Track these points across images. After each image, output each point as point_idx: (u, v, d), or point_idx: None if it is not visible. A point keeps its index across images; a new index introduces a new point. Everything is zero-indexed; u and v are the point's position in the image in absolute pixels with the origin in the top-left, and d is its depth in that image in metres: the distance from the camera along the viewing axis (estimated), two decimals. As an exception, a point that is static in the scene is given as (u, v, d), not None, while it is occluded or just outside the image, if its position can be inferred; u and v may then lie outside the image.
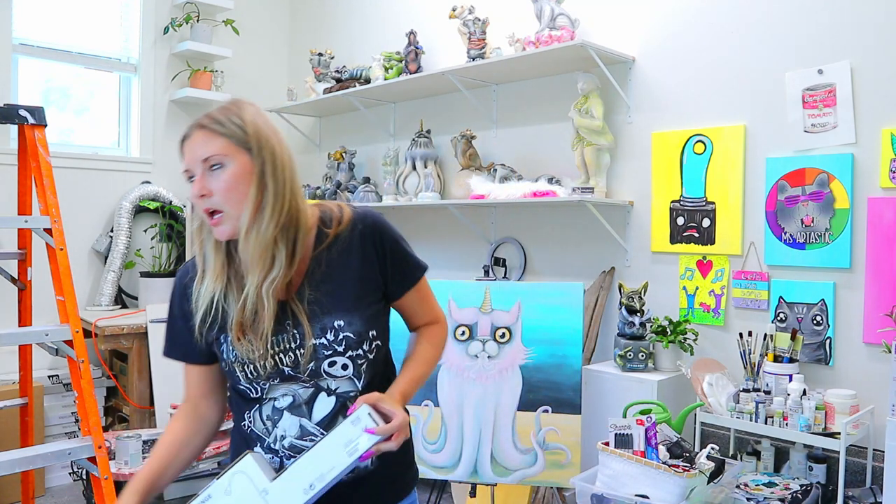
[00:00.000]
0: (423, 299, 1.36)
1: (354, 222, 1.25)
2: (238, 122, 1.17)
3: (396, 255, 1.28)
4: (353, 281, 1.23)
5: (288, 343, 1.19)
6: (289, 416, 1.21)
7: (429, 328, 1.38)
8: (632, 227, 2.90)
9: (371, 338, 1.23)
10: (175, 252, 3.94)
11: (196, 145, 1.16)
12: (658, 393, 2.45)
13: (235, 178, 1.15)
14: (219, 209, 1.16)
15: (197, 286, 1.24)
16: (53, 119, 3.00)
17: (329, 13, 4.41)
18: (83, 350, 2.23)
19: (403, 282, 1.31)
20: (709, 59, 2.67)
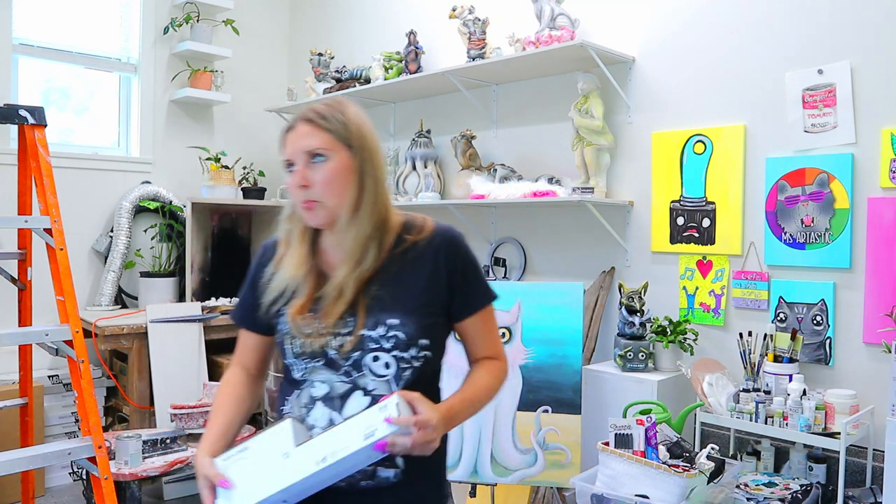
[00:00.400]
0: (486, 330, 1.33)
1: (434, 235, 1.28)
2: (341, 119, 1.23)
3: (467, 276, 1.28)
4: (419, 288, 1.25)
5: (340, 328, 1.23)
6: (321, 406, 1.23)
7: (489, 361, 1.33)
8: (632, 227, 2.90)
9: (421, 346, 1.22)
10: (175, 252, 3.94)
11: (300, 137, 1.22)
12: (658, 393, 2.45)
13: (335, 171, 1.21)
14: (316, 199, 1.21)
15: (274, 267, 1.30)
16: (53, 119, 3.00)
17: (329, 13, 4.41)
18: (83, 350, 2.23)
19: (468, 305, 1.29)
20: (709, 59, 2.67)
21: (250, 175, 4.25)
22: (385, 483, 1.21)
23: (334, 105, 1.25)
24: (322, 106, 1.25)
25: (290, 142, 1.24)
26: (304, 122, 1.23)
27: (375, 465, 1.19)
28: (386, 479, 1.21)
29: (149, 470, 2.69)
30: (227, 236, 4.11)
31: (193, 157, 4.12)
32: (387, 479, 1.21)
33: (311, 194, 1.21)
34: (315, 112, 1.23)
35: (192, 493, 3.32)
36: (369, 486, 1.21)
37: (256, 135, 4.55)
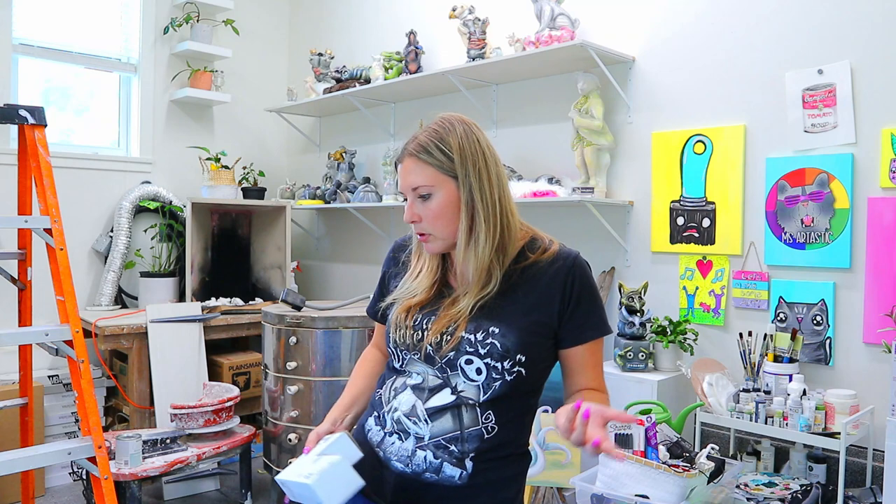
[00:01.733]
0: (591, 363, 1.30)
1: (557, 257, 1.28)
2: (445, 150, 1.23)
3: (582, 304, 1.27)
4: (528, 305, 1.25)
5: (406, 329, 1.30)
6: (410, 392, 1.27)
7: (593, 391, 1.30)
8: (632, 227, 2.90)
9: (517, 360, 1.23)
10: (175, 252, 3.94)
11: (407, 173, 1.26)
12: (658, 393, 2.44)
13: (442, 207, 1.24)
14: (428, 232, 1.27)
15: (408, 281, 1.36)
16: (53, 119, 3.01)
17: (329, 13, 4.41)
18: (83, 350, 2.22)
19: (578, 334, 1.28)
20: (709, 59, 2.67)
21: (250, 175, 4.25)
22: (448, 482, 1.23)
23: (439, 131, 1.25)
24: (425, 136, 1.25)
25: (400, 175, 1.28)
26: (408, 156, 1.26)
27: (443, 462, 1.22)
28: (450, 478, 1.23)
29: (149, 470, 2.69)
30: (227, 236, 4.11)
31: (193, 157, 4.12)
32: (451, 479, 1.23)
33: (421, 227, 1.27)
34: (418, 145, 1.25)
35: (192, 493, 3.32)
36: (433, 481, 1.23)
37: (256, 135, 4.55)
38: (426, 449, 1.23)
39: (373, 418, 1.34)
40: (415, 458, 1.24)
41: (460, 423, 1.23)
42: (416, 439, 1.24)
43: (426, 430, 1.23)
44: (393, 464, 1.26)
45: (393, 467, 1.26)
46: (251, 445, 3.13)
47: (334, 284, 4.33)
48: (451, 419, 1.23)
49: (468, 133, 1.25)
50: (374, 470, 1.27)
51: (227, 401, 3.04)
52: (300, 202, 4.07)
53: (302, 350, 2.89)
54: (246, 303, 3.82)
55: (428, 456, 1.23)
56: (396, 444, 1.26)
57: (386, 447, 1.28)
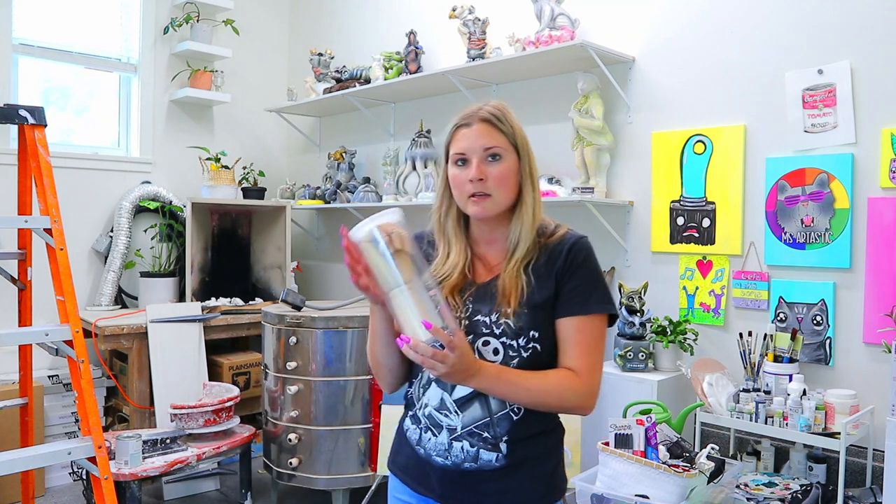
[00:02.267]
0: (579, 339, 1.28)
1: (564, 238, 1.34)
2: (511, 124, 1.33)
3: (578, 277, 1.30)
4: (537, 283, 1.29)
5: (461, 312, 1.31)
6: (435, 387, 1.31)
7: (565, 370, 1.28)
8: (632, 227, 2.90)
9: (531, 337, 1.27)
10: (175, 252, 3.94)
11: (479, 135, 1.31)
12: (658, 393, 2.44)
13: (508, 170, 1.31)
14: (488, 192, 1.29)
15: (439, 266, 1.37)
16: (53, 119, 3.00)
17: (329, 13, 4.41)
18: (83, 350, 2.22)
19: (568, 306, 1.28)
20: (709, 59, 2.67)
21: (250, 175, 4.25)
22: (487, 466, 1.27)
23: (503, 108, 1.34)
24: (493, 108, 1.33)
25: (466, 137, 1.31)
26: (481, 121, 1.31)
27: (479, 449, 1.27)
28: (488, 462, 1.27)
29: (149, 470, 2.69)
30: (227, 236, 4.11)
31: (193, 157, 4.12)
32: (489, 463, 1.27)
33: (484, 187, 1.29)
34: (491, 114, 1.32)
35: (192, 493, 3.32)
36: (472, 469, 1.27)
37: (256, 135, 4.55)
38: (461, 439, 1.27)
39: (409, 418, 1.38)
40: (452, 451, 1.28)
41: (489, 410, 1.27)
42: (449, 431, 1.29)
43: (458, 421, 1.28)
44: (434, 459, 1.30)
45: (435, 462, 1.30)
46: (251, 445, 3.13)
47: (334, 284, 4.33)
48: (480, 407, 1.27)
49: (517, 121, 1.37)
50: (418, 467, 1.33)
51: (227, 401, 3.04)
52: (300, 202, 4.07)
53: (302, 350, 2.89)
54: (246, 303, 3.82)
55: (464, 446, 1.27)
56: (433, 440, 1.31)
57: (424, 444, 1.32)
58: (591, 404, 1.29)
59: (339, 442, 2.87)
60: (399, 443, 1.41)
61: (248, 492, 3.12)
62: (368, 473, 2.90)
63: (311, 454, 2.88)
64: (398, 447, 1.42)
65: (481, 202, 1.29)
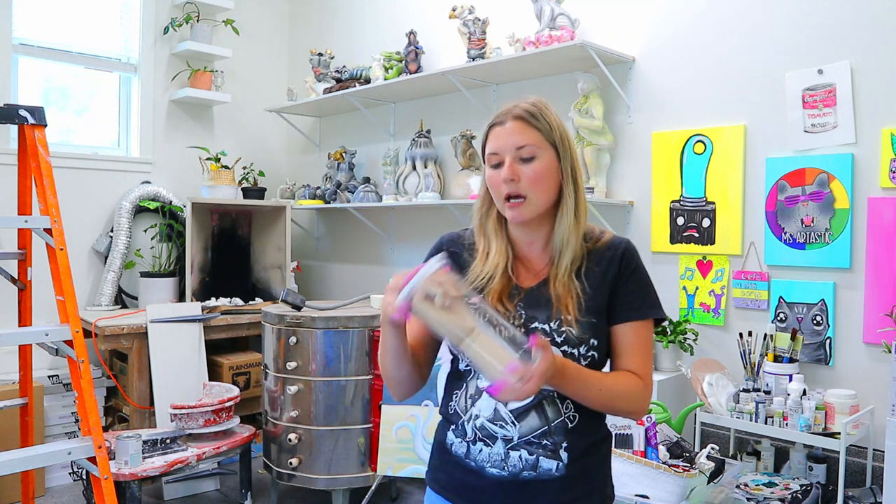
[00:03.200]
0: (636, 344, 1.26)
1: (612, 244, 1.30)
2: (548, 120, 1.26)
3: (630, 283, 1.28)
4: (592, 290, 1.26)
5: (513, 319, 1.24)
6: (486, 397, 1.24)
7: (629, 374, 1.26)
8: (632, 227, 2.90)
9: (591, 345, 1.23)
10: (175, 252, 3.94)
11: (512, 133, 1.24)
12: (658, 393, 2.44)
13: (544, 170, 1.25)
14: (523, 194, 1.24)
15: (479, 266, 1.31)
16: (53, 119, 3.00)
17: (329, 13, 4.41)
18: (83, 350, 2.22)
19: (624, 311, 1.27)
20: (709, 59, 2.67)
21: (250, 175, 4.25)
22: (546, 476, 1.22)
23: (540, 105, 1.28)
24: (529, 105, 1.27)
25: (498, 136, 1.26)
26: (515, 119, 1.25)
27: (539, 457, 1.22)
28: (548, 471, 1.22)
29: (149, 470, 2.69)
30: (227, 236, 4.11)
31: (193, 157, 4.12)
32: (548, 472, 1.22)
33: (518, 188, 1.24)
34: (525, 110, 1.25)
35: (192, 493, 3.32)
36: (531, 478, 1.22)
37: (256, 135, 4.55)
38: (519, 448, 1.22)
39: (451, 432, 1.30)
40: (510, 460, 1.22)
41: (546, 419, 1.22)
42: (504, 442, 1.23)
43: (514, 432, 1.22)
44: (488, 471, 1.24)
45: (489, 474, 1.24)
46: (251, 445, 3.13)
47: (334, 284, 4.33)
48: (537, 416, 1.22)
49: (558, 116, 1.30)
50: (466, 483, 1.27)
51: (227, 401, 3.04)
52: (300, 202, 4.07)
53: (302, 350, 2.89)
54: (246, 303, 3.82)
55: (523, 454, 1.22)
56: (485, 451, 1.24)
57: (475, 456, 1.26)
58: (648, 408, 1.29)
59: (339, 442, 2.87)
60: (441, 459, 1.33)
61: (248, 492, 3.12)
62: (368, 473, 2.90)
63: (311, 454, 2.88)
64: (440, 464, 1.34)
65: (517, 207, 1.25)
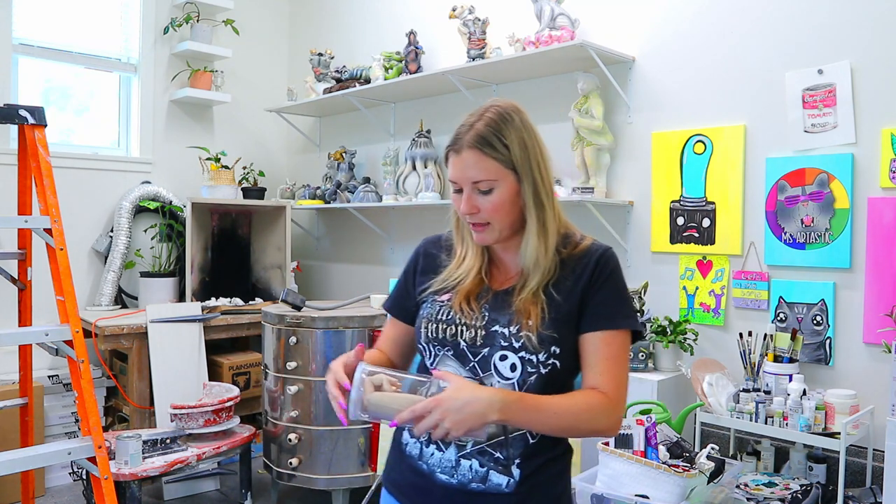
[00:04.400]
0: (605, 356, 1.20)
1: (589, 251, 1.26)
2: (506, 143, 1.20)
3: (605, 290, 1.23)
4: (561, 297, 1.22)
5: (476, 320, 1.24)
6: None
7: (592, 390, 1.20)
8: (632, 227, 2.90)
9: (552, 353, 1.19)
10: (175, 252, 3.94)
11: (466, 166, 1.20)
12: (658, 393, 2.44)
13: (503, 199, 1.21)
14: (485, 222, 1.23)
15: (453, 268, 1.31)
16: (53, 119, 3.00)
17: (329, 13, 4.41)
18: (83, 350, 2.22)
19: (595, 320, 1.22)
20: (709, 59, 2.67)
21: (250, 175, 4.25)
22: (495, 490, 1.20)
23: (498, 122, 1.20)
24: (484, 126, 1.20)
25: (455, 165, 1.22)
26: (469, 149, 1.20)
27: (489, 470, 1.20)
28: (497, 486, 1.20)
29: (149, 470, 2.69)
30: (227, 236, 4.11)
31: (193, 157, 4.12)
32: (498, 487, 1.20)
33: (479, 218, 1.22)
34: (479, 136, 1.19)
35: (192, 493, 3.32)
36: (479, 490, 1.20)
37: (256, 135, 4.55)
38: (470, 458, 1.20)
39: (407, 431, 1.29)
40: (460, 469, 1.21)
41: (504, 427, 1.19)
42: (457, 448, 1.22)
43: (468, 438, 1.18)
44: (437, 476, 1.23)
45: (437, 480, 1.23)
46: (251, 445, 3.13)
47: (334, 284, 4.33)
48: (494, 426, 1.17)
49: (525, 123, 1.23)
50: (417, 486, 1.26)
51: (227, 401, 3.04)
52: (300, 202, 4.07)
53: (302, 350, 2.89)
54: (246, 303, 3.82)
55: (473, 465, 1.20)
56: (437, 455, 1.23)
57: (427, 458, 1.25)
58: (619, 425, 1.22)
59: (339, 442, 2.87)
60: (395, 458, 1.33)
61: (248, 492, 3.12)
62: (368, 473, 2.90)
63: (311, 454, 2.88)
64: (394, 462, 1.33)
65: (481, 231, 1.23)
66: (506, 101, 1.26)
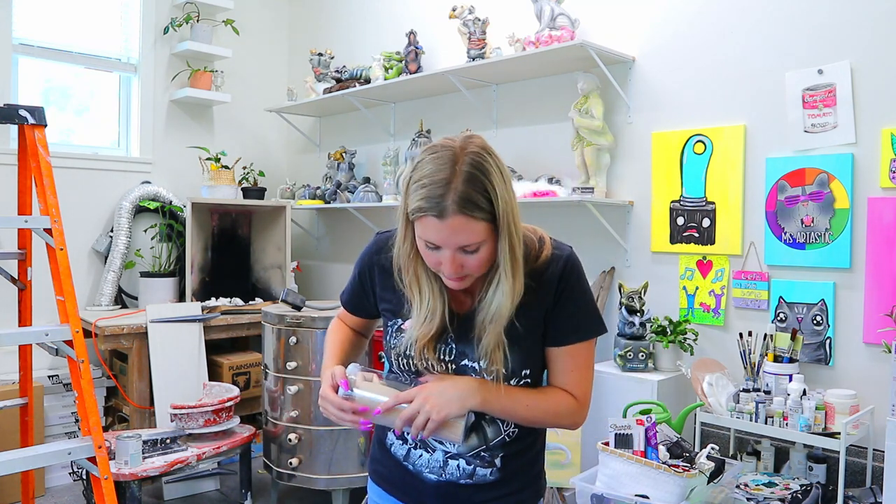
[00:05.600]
0: (572, 365, 1.24)
1: (551, 263, 1.23)
2: (489, 198, 1.12)
3: (570, 305, 1.22)
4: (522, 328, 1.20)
5: (445, 355, 1.24)
6: None
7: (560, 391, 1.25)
8: (632, 227, 2.90)
9: (522, 375, 1.23)
10: (175, 252, 3.94)
11: (455, 232, 1.11)
12: (658, 393, 2.44)
13: (488, 255, 1.16)
14: (466, 275, 1.18)
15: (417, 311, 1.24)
16: (53, 119, 3.00)
17: (329, 13, 4.41)
18: (83, 350, 2.22)
19: (562, 336, 1.23)
20: (709, 59, 2.67)
21: (250, 175, 4.25)
22: (482, 480, 1.27)
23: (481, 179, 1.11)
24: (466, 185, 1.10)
25: (438, 230, 1.11)
26: (457, 213, 1.09)
27: (476, 467, 1.26)
28: (483, 476, 1.27)
29: (149, 470, 2.69)
30: (227, 236, 4.11)
31: (193, 157, 4.12)
32: (484, 477, 1.27)
33: (462, 273, 1.16)
34: (465, 200, 1.09)
35: (192, 493, 3.32)
36: (468, 484, 1.27)
37: (256, 135, 4.55)
38: (457, 458, 1.26)
39: (392, 433, 1.34)
40: (448, 468, 1.27)
41: (485, 439, 1.26)
42: (444, 452, 1.27)
43: (454, 448, 1.27)
44: (425, 475, 1.28)
45: (426, 479, 1.28)
46: (251, 445, 3.13)
47: (334, 284, 4.33)
48: (476, 437, 1.25)
49: (499, 167, 1.16)
50: (404, 480, 1.31)
51: (227, 401, 3.04)
52: (300, 202, 4.07)
53: (302, 350, 2.89)
54: (246, 303, 3.82)
55: (461, 464, 1.26)
56: (425, 457, 1.28)
57: (414, 460, 1.30)
58: (582, 422, 1.29)
59: (338, 442, 2.87)
60: (380, 453, 1.37)
61: (248, 492, 3.12)
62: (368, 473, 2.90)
63: (311, 454, 2.88)
64: (380, 458, 1.37)
65: (459, 281, 1.18)
66: (474, 140, 1.16)
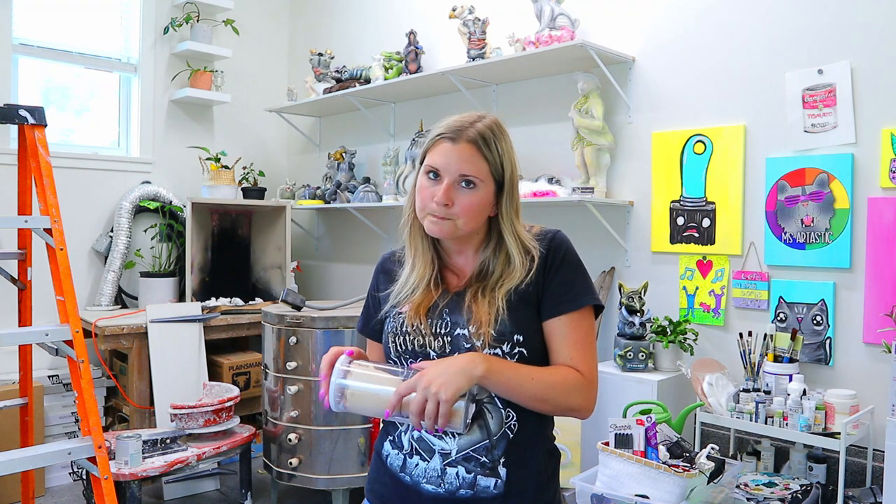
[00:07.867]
0: (572, 337, 1.22)
1: (540, 237, 1.27)
2: (500, 153, 1.23)
3: (562, 274, 1.24)
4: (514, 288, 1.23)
5: (440, 328, 1.24)
6: None
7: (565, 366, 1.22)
8: (632, 227, 2.90)
9: (515, 341, 1.20)
10: (175, 252, 3.94)
11: (461, 158, 1.20)
12: (658, 393, 2.44)
13: (480, 201, 1.21)
14: (451, 218, 1.21)
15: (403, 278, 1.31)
16: (53, 119, 3.00)
17: (329, 13, 4.41)
18: (83, 350, 2.22)
19: (556, 305, 1.23)
20: (709, 59, 2.67)
21: (250, 175, 4.25)
22: (485, 493, 1.19)
23: (496, 130, 1.23)
24: (485, 127, 1.22)
25: (445, 154, 1.20)
26: (468, 142, 1.20)
27: (476, 475, 1.20)
28: (486, 488, 1.19)
29: (149, 470, 2.69)
30: (227, 236, 4.11)
31: (193, 157, 4.12)
32: (486, 489, 1.19)
33: (448, 212, 1.21)
34: (481, 136, 1.21)
35: (192, 493, 3.32)
36: (468, 496, 1.19)
37: (256, 135, 4.55)
38: (456, 465, 1.20)
39: (388, 442, 1.29)
40: (446, 478, 1.20)
41: (487, 431, 1.20)
42: (441, 457, 1.21)
43: (453, 445, 1.20)
44: (423, 487, 1.22)
45: (424, 490, 1.22)
46: (251, 445, 3.13)
47: (334, 284, 4.33)
48: (478, 428, 1.19)
49: (510, 143, 1.26)
50: (402, 497, 1.25)
51: (227, 401, 3.04)
52: (300, 202, 4.07)
53: (302, 350, 2.89)
54: (246, 303, 3.82)
55: (460, 472, 1.20)
56: (421, 466, 1.23)
57: (410, 470, 1.24)
58: (593, 405, 1.23)
59: (339, 442, 2.87)
60: (377, 469, 1.32)
61: (248, 492, 3.12)
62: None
63: (311, 454, 2.88)
64: (376, 473, 1.32)
65: (440, 223, 1.21)
66: (495, 117, 1.27)
